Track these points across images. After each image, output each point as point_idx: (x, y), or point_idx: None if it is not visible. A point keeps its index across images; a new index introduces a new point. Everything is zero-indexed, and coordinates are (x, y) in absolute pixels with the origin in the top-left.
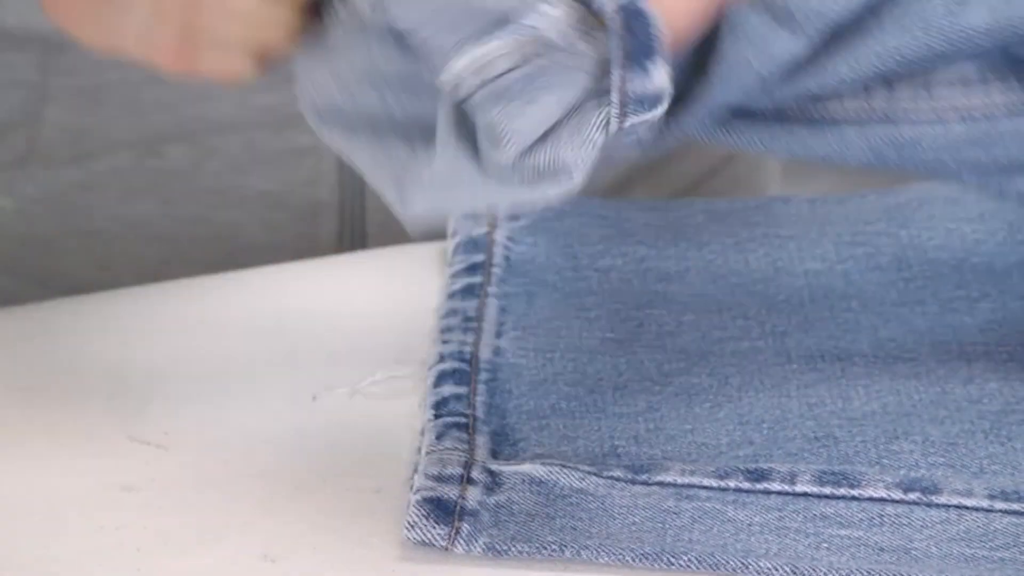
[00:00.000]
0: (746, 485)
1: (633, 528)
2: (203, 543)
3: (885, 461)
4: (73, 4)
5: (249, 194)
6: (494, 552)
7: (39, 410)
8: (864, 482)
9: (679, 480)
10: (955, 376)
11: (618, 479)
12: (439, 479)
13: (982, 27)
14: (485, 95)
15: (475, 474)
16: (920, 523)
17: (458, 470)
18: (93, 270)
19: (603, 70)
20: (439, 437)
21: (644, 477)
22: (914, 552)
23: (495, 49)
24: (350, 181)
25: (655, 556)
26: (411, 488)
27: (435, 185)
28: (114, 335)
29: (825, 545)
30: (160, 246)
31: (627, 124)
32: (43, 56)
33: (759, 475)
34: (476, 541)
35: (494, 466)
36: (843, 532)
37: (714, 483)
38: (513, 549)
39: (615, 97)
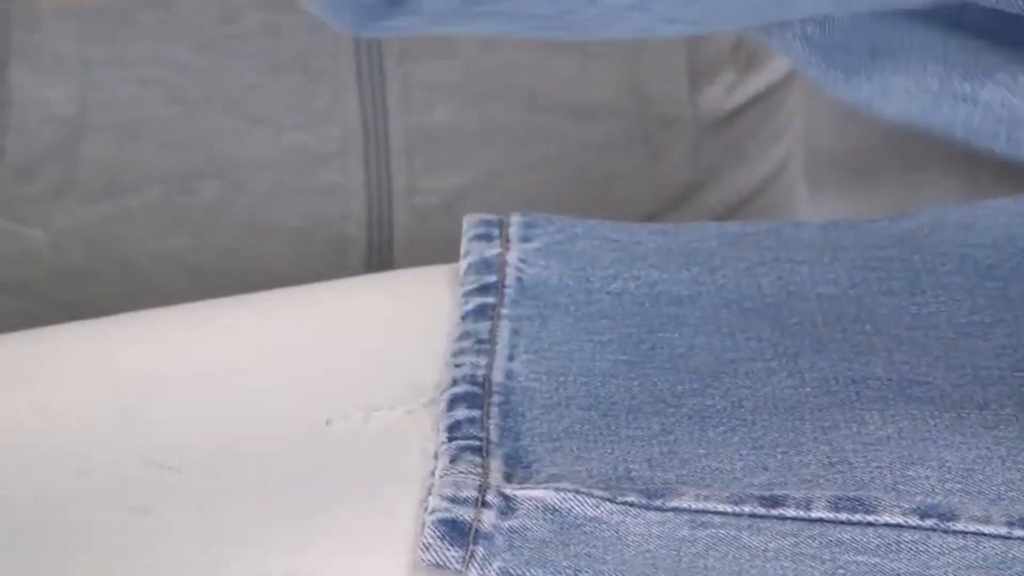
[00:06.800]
0: (761, 511)
1: (648, 555)
2: (218, 566)
3: (901, 487)
4: None
5: (279, 229)
6: None
7: (51, 431)
8: (880, 508)
9: (693, 506)
10: (970, 401)
11: (632, 504)
12: (454, 501)
13: None
14: None
15: (489, 498)
16: (937, 550)
17: (472, 493)
18: (124, 301)
19: None
20: (453, 460)
21: (658, 503)
22: None
23: None
24: (378, 218)
25: None
26: (426, 509)
27: None
28: (126, 356)
29: (841, 571)
30: (191, 279)
31: None
32: (80, 91)
33: (774, 501)
34: (490, 565)
35: (508, 490)
36: (859, 558)
37: (729, 508)
38: (527, 574)
39: None
